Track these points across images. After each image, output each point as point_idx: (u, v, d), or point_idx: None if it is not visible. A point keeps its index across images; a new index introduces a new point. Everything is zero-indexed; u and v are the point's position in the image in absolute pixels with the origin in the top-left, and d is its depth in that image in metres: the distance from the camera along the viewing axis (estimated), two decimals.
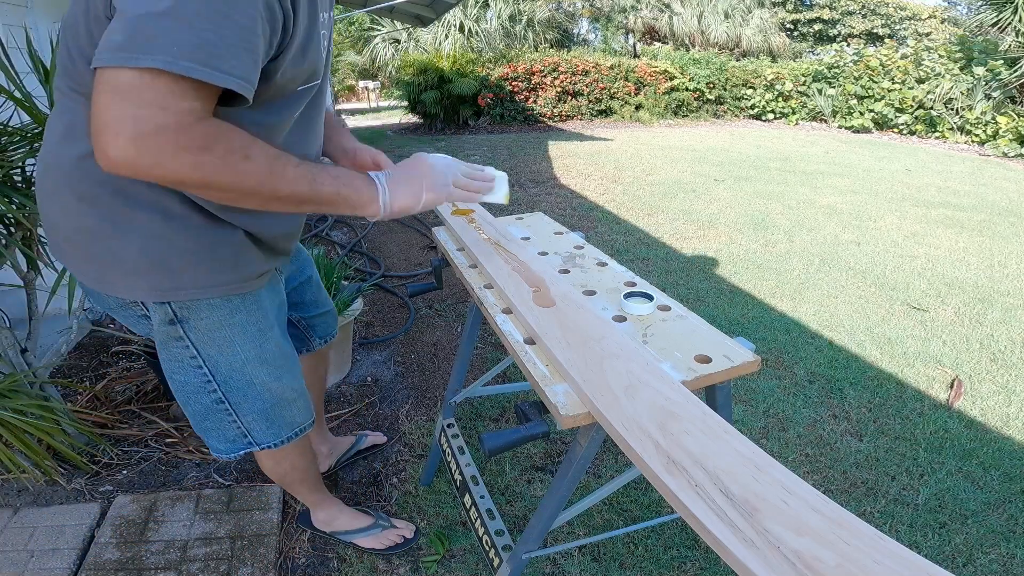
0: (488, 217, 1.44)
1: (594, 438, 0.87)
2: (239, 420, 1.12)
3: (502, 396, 2.18)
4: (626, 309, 1.04)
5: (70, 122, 0.90)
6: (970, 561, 1.52)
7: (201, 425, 1.13)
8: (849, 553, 0.54)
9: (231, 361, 1.06)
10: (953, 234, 4.13)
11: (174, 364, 1.06)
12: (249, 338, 1.07)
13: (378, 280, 3.30)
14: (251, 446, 1.16)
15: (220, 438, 1.14)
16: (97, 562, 1.47)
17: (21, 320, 1.85)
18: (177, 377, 1.07)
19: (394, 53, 12.93)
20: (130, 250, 0.92)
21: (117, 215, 0.90)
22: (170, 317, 1.00)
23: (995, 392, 2.25)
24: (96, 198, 0.89)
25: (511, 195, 1.52)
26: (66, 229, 0.94)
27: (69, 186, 0.90)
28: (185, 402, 1.11)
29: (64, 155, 0.90)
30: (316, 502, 1.53)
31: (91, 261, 0.94)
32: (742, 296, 3.11)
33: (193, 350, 1.04)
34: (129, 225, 0.90)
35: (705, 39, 16.42)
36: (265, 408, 1.13)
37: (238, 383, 1.09)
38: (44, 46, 2.52)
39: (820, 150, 7.62)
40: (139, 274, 0.93)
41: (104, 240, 0.91)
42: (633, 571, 1.49)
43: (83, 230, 0.92)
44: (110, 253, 0.92)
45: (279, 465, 1.34)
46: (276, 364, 1.13)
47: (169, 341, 1.03)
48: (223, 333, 1.03)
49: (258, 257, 1.03)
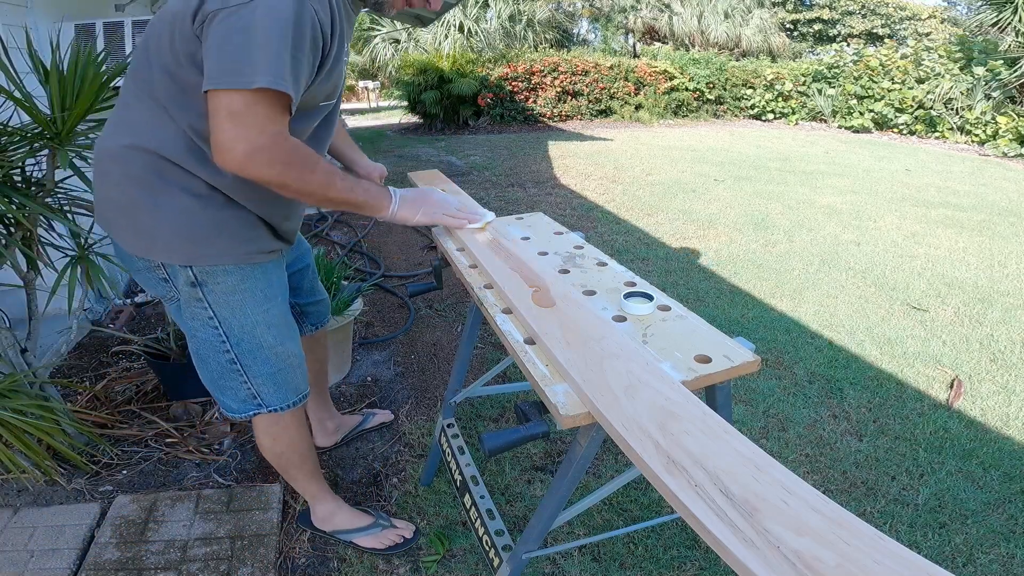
0: None
1: (594, 438, 0.87)
2: (250, 382, 1.26)
3: (502, 396, 2.18)
4: (626, 309, 1.04)
5: (124, 117, 1.12)
6: (970, 561, 1.52)
7: (217, 384, 1.27)
8: (849, 553, 0.54)
9: (242, 323, 1.22)
10: (953, 234, 4.13)
11: (196, 322, 1.22)
12: (257, 303, 1.23)
13: (378, 280, 3.30)
14: (260, 408, 1.30)
15: (233, 398, 1.28)
16: (97, 562, 1.47)
17: (21, 320, 1.85)
18: (199, 335, 1.23)
19: (394, 53, 12.92)
20: (165, 221, 1.11)
21: (157, 193, 1.10)
22: (192, 280, 1.16)
23: (995, 392, 2.25)
24: (141, 179, 1.10)
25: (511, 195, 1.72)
26: (118, 201, 1.13)
27: (120, 167, 1.11)
28: (205, 360, 1.25)
29: (116, 143, 1.11)
30: (314, 494, 1.53)
31: (134, 229, 1.14)
32: (742, 296, 3.11)
33: (210, 311, 1.20)
34: (166, 200, 1.10)
35: (705, 39, 16.41)
36: (272, 372, 1.27)
37: (248, 345, 1.23)
38: (44, 46, 2.52)
39: (820, 150, 7.62)
40: (170, 241, 1.12)
41: (146, 212, 1.11)
42: (633, 571, 1.49)
43: (131, 202, 1.12)
44: (150, 222, 1.12)
45: (277, 443, 1.39)
46: (280, 329, 1.28)
47: (191, 302, 1.20)
48: (235, 297, 1.20)
49: (267, 236, 1.22)
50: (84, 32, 2.86)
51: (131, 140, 1.09)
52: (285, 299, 1.31)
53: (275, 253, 1.26)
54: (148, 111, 1.08)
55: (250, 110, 0.93)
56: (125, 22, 2.94)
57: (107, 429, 1.96)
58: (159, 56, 1.04)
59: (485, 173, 6.17)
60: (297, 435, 1.40)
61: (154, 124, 1.08)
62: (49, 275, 1.80)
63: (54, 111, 1.57)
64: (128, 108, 1.11)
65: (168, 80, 1.04)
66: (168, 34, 1.01)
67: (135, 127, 1.09)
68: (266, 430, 1.37)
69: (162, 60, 1.03)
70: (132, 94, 1.10)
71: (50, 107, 1.58)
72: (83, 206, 1.84)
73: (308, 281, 1.59)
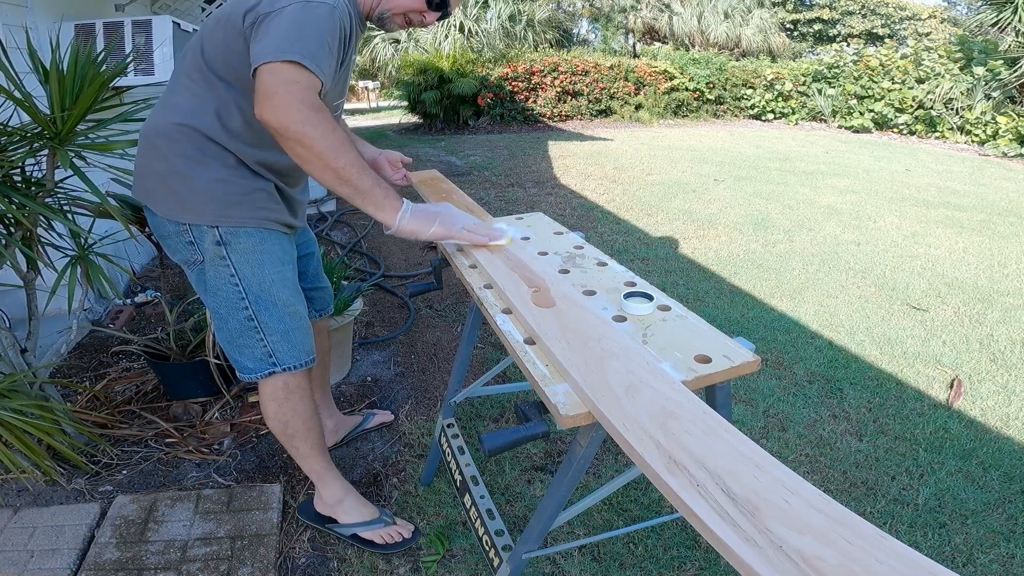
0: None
1: (594, 438, 0.87)
2: (266, 339, 1.35)
3: (502, 396, 2.18)
4: (626, 309, 1.04)
5: (172, 100, 1.28)
6: (970, 561, 1.52)
7: (235, 343, 1.37)
8: (851, 552, 0.54)
9: (260, 280, 1.33)
10: (953, 234, 4.13)
11: (218, 280, 1.33)
12: (274, 262, 1.35)
13: (378, 280, 3.30)
14: (274, 367, 1.37)
15: (250, 356, 1.37)
16: (97, 562, 1.46)
17: (21, 320, 1.85)
18: (220, 293, 1.33)
19: (394, 53, 12.92)
20: (198, 188, 1.26)
21: (197, 163, 1.27)
22: (217, 239, 1.29)
23: (995, 392, 2.25)
24: (185, 151, 1.26)
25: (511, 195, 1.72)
26: (161, 171, 1.28)
27: (167, 142, 1.27)
28: (225, 319, 1.35)
29: (166, 120, 1.27)
30: (320, 472, 1.52)
31: (172, 195, 1.28)
32: (742, 296, 3.11)
33: (232, 268, 1.31)
34: (203, 171, 1.27)
35: (705, 39, 16.41)
36: (286, 329, 1.37)
37: (265, 303, 1.34)
38: (44, 46, 2.52)
39: (820, 150, 7.62)
40: (201, 205, 1.27)
41: (185, 179, 1.27)
42: (633, 571, 1.49)
43: (172, 171, 1.27)
44: (186, 189, 1.27)
45: (283, 408, 1.41)
46: (293, 290, 1.40)
47: (215, 260, 1.31)
48: (256, 256, 1.32)
49: (284, 211, 1.38)
50: (84, 32, 2.86)
51: (179, 119, 1.26)
52: (295, 270, 1.44)
53: (289, 229, 1.41)
54: (193, 96, 1.26)
55: (288, 70, 1.06)
56: (125, 22, 2.94)
57: (107, 429, 1.95)
58: (209, 51, 1.23)
59: (485, 173, 6.17)
60: (301, 402, 1.43)
61: (196, 107, 1.26)
62: (49, 275, 1.80)
63: (54, 111, 1.57)
64: (175, 93, 1.29)
65: (211, 71, 1.24)
66: (222, 32, 1.20)
67: (181, 108, 1.26)
68: (273, 395, 1.40)
69: (210, 55, 1.23)
70: (181, 81, 1.28)
71: (50, 107, 1.58)
72: (83, 206, 1.84)
73: (313, 267, 1.69)
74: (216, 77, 1.25)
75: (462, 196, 1.58)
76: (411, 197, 1.33)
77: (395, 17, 1.31)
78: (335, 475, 1.55)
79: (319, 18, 1.10)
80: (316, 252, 1.70)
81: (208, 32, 1.25)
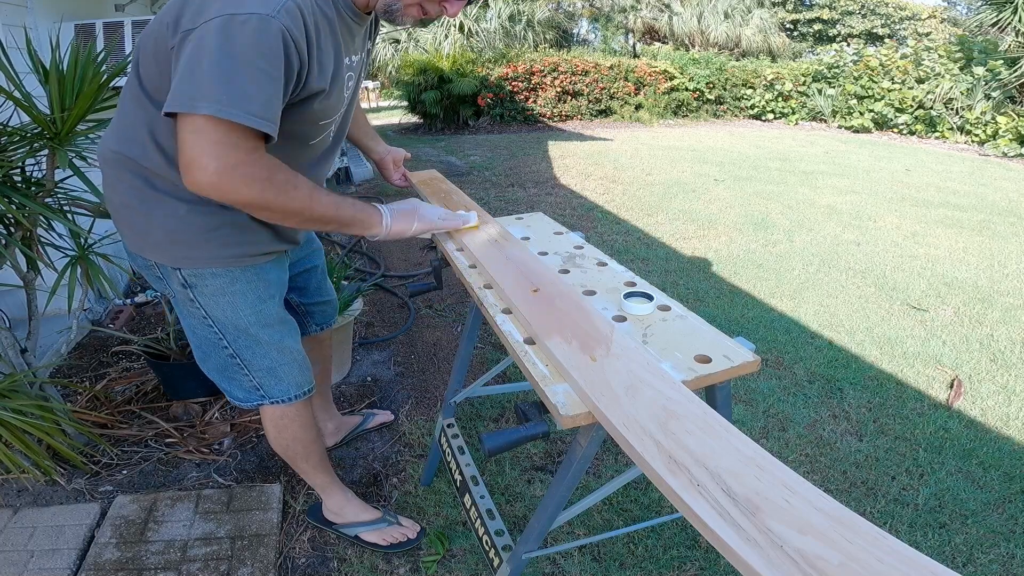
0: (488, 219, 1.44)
1: (594, 438, 0.87)
2: (251, 375, 1.29)
3: (502, 396, 2.18)
4: (626, 309, 1.04)
5: (118, 121, 1.13)
6: (970, 561, 1.52)
7: (222, 375, 1.30)
8: (853, 552, 0.54)
9: (236, 323, 1.23)
10: (953, 234, 4.13)
11: (192, 320, 1.25)
12: (249, 304, 1.23)
13: (378, 280, 3.30)
14: (263, 399, 1.32)
15: (238, 387, 1.31)
16: (97, 562, 1.46)
17: (21, 320, 1.85)
18: (198, 332, 1.26)
19: (394, 53, 12.91)
20: (154, 224, 1.13)
21: (147, 198, 1.12)
22: (181, 281, 1.18)
23: (995, 392, 2.25)
24: (132, 183, 1.12)
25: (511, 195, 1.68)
26: (114, 201, 1.16)
27: (114, 171, 1.13)
28: (207, 356, 1.29)
29: (108, 147, 1.13)
30: (323, 485, 1.55)
31: (130, 228, 1.17)
32: (742, 296, 3.11)
33: (203, 311, 1.22)
34: (156, 205, 1.12)
35: (705, 39, 16.40)
36: (272, 366, 1.29)
37: (245, 342, 1.25)
38: (44, 46, 2.52)
39: (820, 150, 7.62)
40: (159, 244, 1.14)
41: (137, 214, 1.13)
42: (633, 571, 1.49)
43: (125, 204, 1.14)
44: (141, 224, 1.14)
45: (282, 435, 1.41)
46: (277, 327, 1.29)
47: (184, 302, 1.22)
48: (226, 299, 1.21)
49: (266, 239, 1.22)
50: (84, 32, 2.86)
51: (118, 147, 1.11)
52: (282, 297, 1.32)
53: (275, 254, 1.26)
54: (133, 126, 1.09)
55: (213, 129, 0.89)
56: (125, 22, 2.94)
57: (107, 429, 1.95)
58: (143, 67, 1.05)
59: (485, 173, 6.17)
60: (301, 428, 1.41)
61: (138, 138, 1.08)
62: (49, 275, 1.80)
63: (54, 111, 1.57)
64: (122, 113, 1.12)
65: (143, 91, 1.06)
66: (152, 45, 1.01)
67: (123, 133, 1.11)
68: (272, 421, 1.39)
69: (144, 71, 1.05)
70: (126, 98, 1.11)
71: (50, 107, 1.58)
72: (83, 206, 1.84)
73: (315, 281, 1.58)
74: (147, 99, 1.05)
75: (462, 196, 1.58)
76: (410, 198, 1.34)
77: (409, 8, 1.08)
78: (338, 486, 1.58)
79: (247, 39, 0.88)
80: (320, 265, 1.59)
81: (141, 44, 1.04)
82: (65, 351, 2.02)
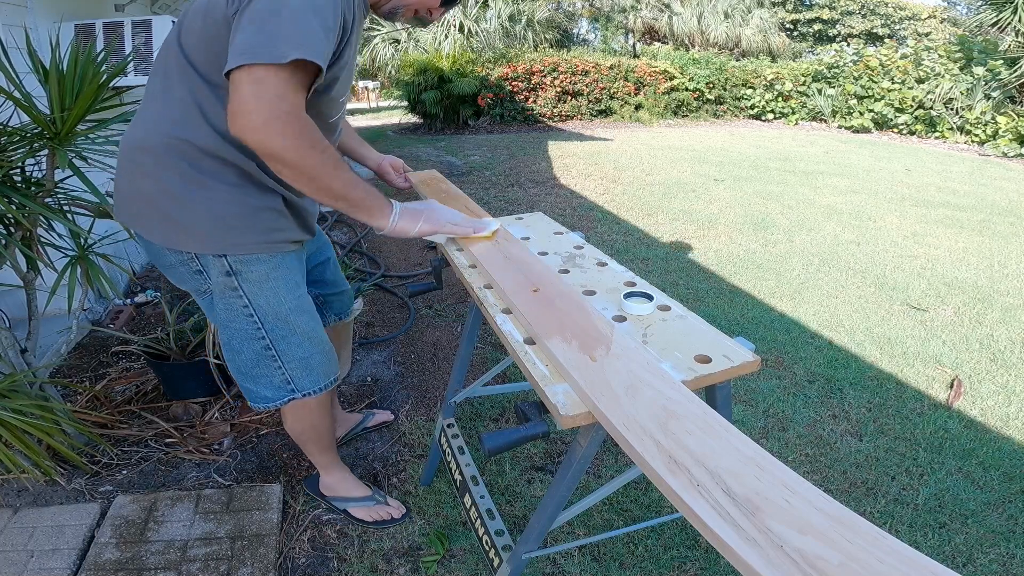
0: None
1: (594, 438, 0.87)
2: (284, 367, 1.30)
3: (502, 396, 2.18)
4: (626, 309, 1.04)
5: (154, 111, 1.14)
6: (970, 561, 1.52)
7: (251, 373, 1.30)
8: (853, 552, 0.54)
9: (276, 310, 1.25)
10: (953, 234, 4.13)
11: (230, 313, 1.25)
12: (290, 289, 1.26)
13: (378, 280, 3.30)
14: (293, 393, 1.33)
15: (268, 385, 1.31)
16: (97, 562, 1.46)
17: (21, 320, 1.85)
18: (233, 325, 1.26)
19: (394, 53, 12.91)
20: (200, 210, 1.14)
21: (194, 182, 1.13)
22: (227, 269, 1.19)
23: (995, 392, 2.25)
24: (179, 168, 1.12)
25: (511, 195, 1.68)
26: (150, 193, 1.15)
27: (154, 158, 1.12)
28: (239, 351, 1.28)
29: (148, 134, 1.13)
30: (325, 464, 1.62)
31: (167, 220, 1.15)
32: (742, 296, 3.11)
33: (245, 299, 1.23)
34: (202, 189, 1.13)
35: (705, 39, 16.40)
36: (305, 356, 1.31)
37: (282, 331, 1.27)
38: (44, 46, 2.52)
39: (820, 150, 7.62)
40: (205, 230, 1.15)
41: (181, 202, 1.13)
42: (633, 571, 1.49)
43: (164, 192, 1.13)
44: (184, 212, 1.14)
45: (300, 422, 1.44)
46: (311, 315, 1.32)
47: (226, 292, 1.22)
48: (270, 284, 1.23)
49: (294, 227, 1.26)
50: (84, 32, 2.86)
51: (176, 131, 1.11)
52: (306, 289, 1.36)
53: (299, 244, 1.31)
54: (179, 103, 1.11)
55: (273, 79, 0.93)
56: (125, 22, 2.94)
57: (107, 429, 1.95)
58: (190, 47, 1.08)
59: (485, 173, 6.17)
60: (319, 418, 1.45)
61: (182, 114, 1.11)
62: (49, 275, 1.80)
63: (54, 111, 1.57)
64: (156, 99, 1.14)
65: (193, 70, 1.09)
66: (200, 22, 1.06)
67: (166, 118, 1.12)
68: (293, 412, 1.42)
69: (194, 52, 1.08)
70: (160, 88, 1.14)
71: (49, 107, 1.58)
72: (83, 206, 1.84)
73: (330, 272, 1.65)
74: (199, 77, 1.09)
75: (462, 196, 1.58)
76: (411, 199, 1.34)
77: (407, 12, 1.22)
78: (338, 466, 1.65)
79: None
80: (331, 257, 1.64)
81: (187, 24, 1.09)
82: (65, 351, 2.02)
